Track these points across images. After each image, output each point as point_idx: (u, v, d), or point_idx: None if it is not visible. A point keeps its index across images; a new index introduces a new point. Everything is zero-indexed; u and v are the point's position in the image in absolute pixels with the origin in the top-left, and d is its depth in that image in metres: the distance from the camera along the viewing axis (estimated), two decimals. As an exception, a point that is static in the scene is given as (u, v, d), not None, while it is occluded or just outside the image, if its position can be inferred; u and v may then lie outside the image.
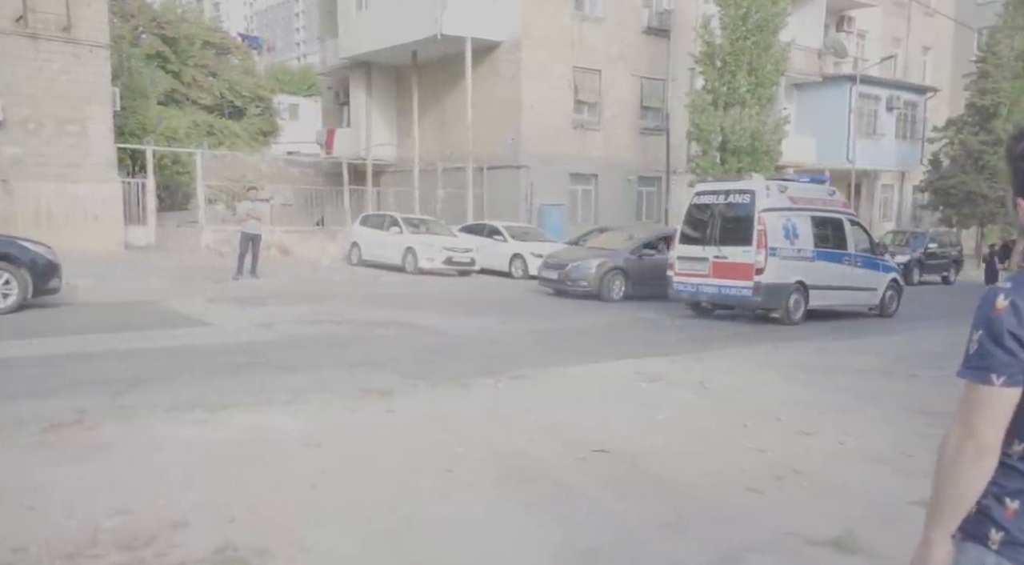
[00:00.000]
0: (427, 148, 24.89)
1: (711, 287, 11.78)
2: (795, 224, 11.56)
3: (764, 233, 11.08)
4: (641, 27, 24.86)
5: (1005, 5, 30.00)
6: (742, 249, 11.24)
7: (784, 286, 11.44)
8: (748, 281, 11.14)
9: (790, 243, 11.46)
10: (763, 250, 11.08)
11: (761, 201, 11.24)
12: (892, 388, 7.21)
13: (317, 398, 5.91)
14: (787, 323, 11.61)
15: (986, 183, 29.07)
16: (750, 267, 11.12)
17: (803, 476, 4.49)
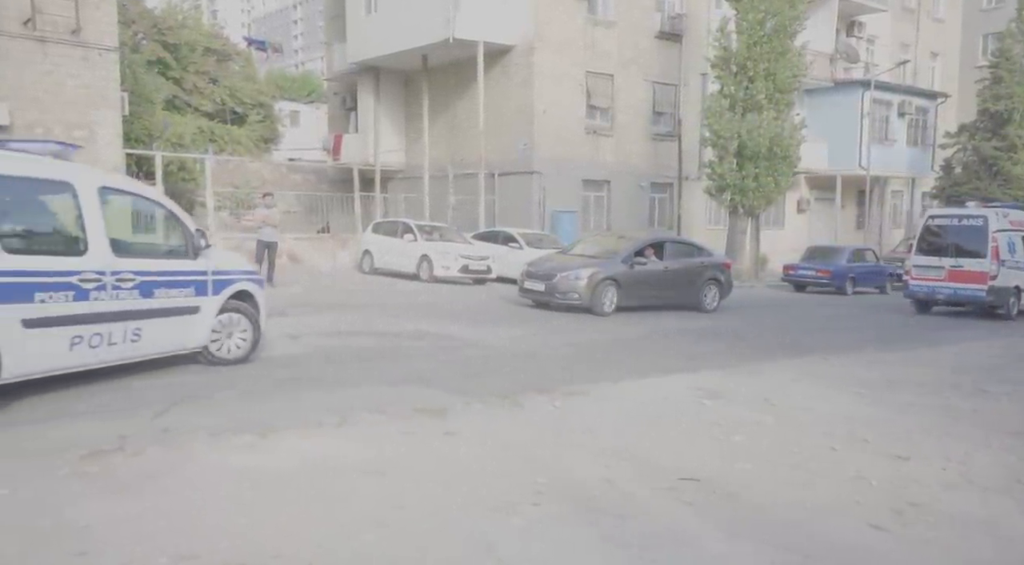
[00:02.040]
0: (437, 154, 24.53)
1: (947, 289, 14.92)
2: (1014, 242, 14.87)
3: (997, 249, 14.42)
4: (654, 31, 24.54)
5: (1018, 10, 29.76)
6: (977, 260, 14.45)
7: (1007, 289, 14.70)
8: (982, 285, 14.40)
9: (1011, 256, 14.73)
10: (996, 261, 14.40)
11: (993, 224, 14.48)
12: (967, 405, 6.81)
13: (368, 419, 5.49)
14: (1007, 318, 14.80)
15: (1000, 189, 28.77)
16: (984, 274, 14.37)
17: (923, 509, 4.09)
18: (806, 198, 29.33)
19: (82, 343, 5.78)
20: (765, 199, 21.44)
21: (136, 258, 6.34)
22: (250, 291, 7.51)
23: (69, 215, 5.84)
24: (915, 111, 30.42)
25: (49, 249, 5.74)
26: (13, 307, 5.24)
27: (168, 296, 6.56)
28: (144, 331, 6.33)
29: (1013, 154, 29.14)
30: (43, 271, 5.48)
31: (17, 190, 5.58)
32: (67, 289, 5.61)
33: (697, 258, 14.73)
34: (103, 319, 5.92)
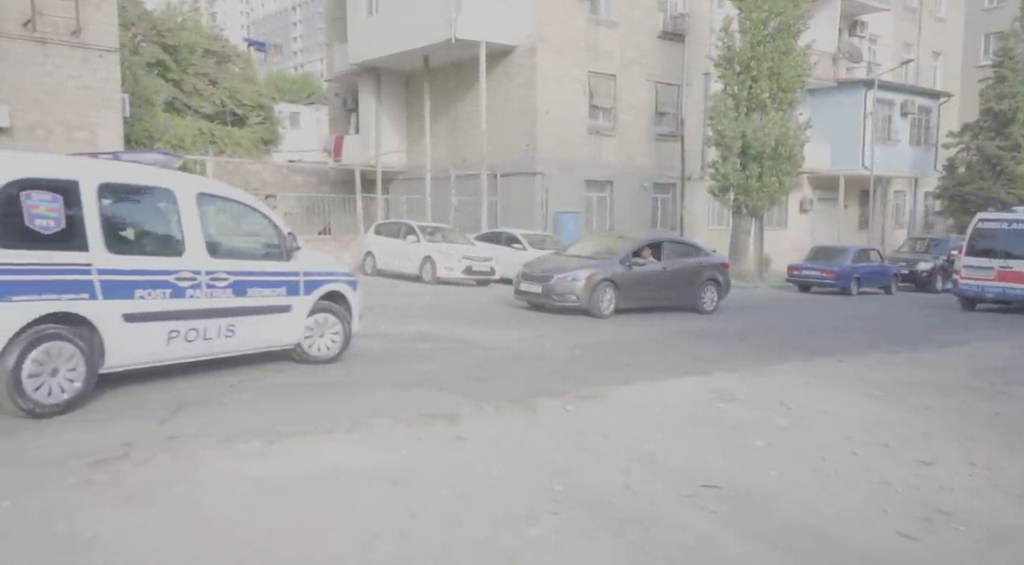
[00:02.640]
0: (439, 155, 24.42)
1: (996, 288, 15.63)
2: None
3: None
4: (656, 31, 24.44)
5: (1022, 9, 29.66)
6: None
7: None
8: None
9: None
10: None
11: None
12: (987, 407, 6.71)
13: (379, 424, 5.38)
14: None
15: (1004, 189, 28.69)
16: None
17: (952, 518, 3.98)
18: (809, 198, 29.23)
19: (179, 337, 6.26)
20: (769, 199, 21.34)
21: (230, 259, 6.72)
22: (342, 292, 7.84)
23: (169, 219, 6.37)
24: (918, 111, 30.31)
25: (149, 250, 6.26)
26: (115, 303, 5.76)
27: (260, 295, 6.96)
28: (237, 328, 6.74)
29: (1017, 153, 29.06)
30: (143, 270, 5.99)
31: (126, 196, 6.20)
32: (165, 287, 6.11)
33: (695, 258, 14.51)
34: (198, 315, 6.36)
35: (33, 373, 5.26)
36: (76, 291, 5.53)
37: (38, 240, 5.34)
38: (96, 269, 5.64)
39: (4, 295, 5.14)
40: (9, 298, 5.15)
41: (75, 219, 5.56)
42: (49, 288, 5.38)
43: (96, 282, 5.64)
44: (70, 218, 5.53)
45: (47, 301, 5.36)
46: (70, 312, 5.49)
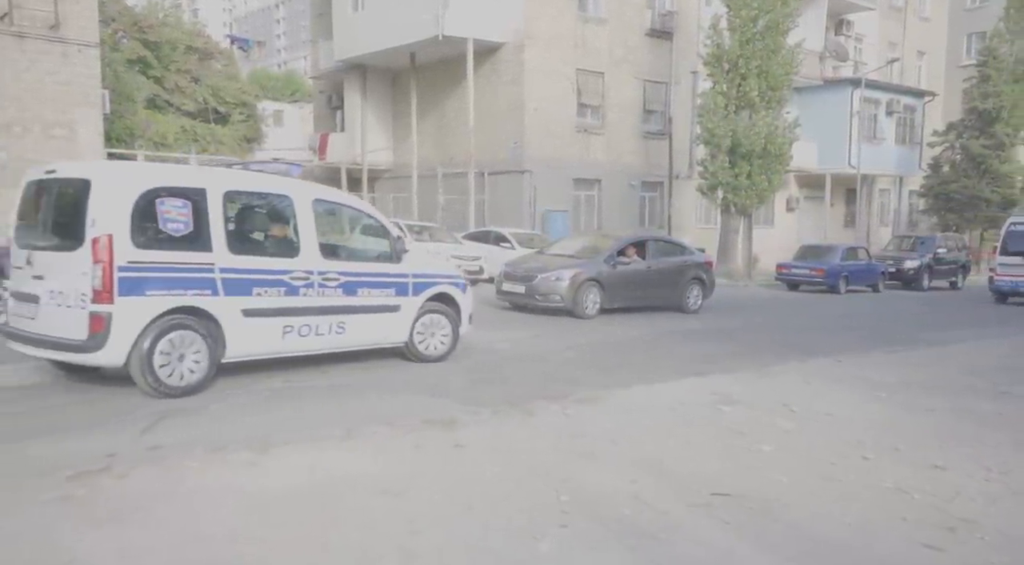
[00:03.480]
0: (426, 153, 24.20)
1: None
2: None
3: None
4: (644, 29, 24.32)
5: (1006, 9, 29.85)
6: None
7: None
8: None
9: None
10: None
11: None
12: (991, 408, 6.60)
13: (374, 431, 5.17)
14: None
15: (988, 187, 28.85)
16: None
17: (975, 526, 3.83)
18: (796, 197, 29.25)
19: (292, 332, 6.75)
20: (758, 198, 21.29)
21: (341, 260, 7.21)
22: (451, 294, 8.14)
23: (286, 223, 6.90)
24: (903, 110, 30.41)
25: (267, 251, 6.81)
26: (236, 299, 6.29)
27: (370, 295, 7.38)
28: (348, 325, 7.17)
29: (1001, 152, 29.25)
30: (261, 270, 6.51)
31: (248, 202, 6.87)
32: (280, 285, 6.61)
33: (680, 257, 14.30)
34: (311, 312, 6.84)
35: (163, 355, 5.89)
36: (201, 287, 6.11)
37: (169, 242, 5.98)
38: (219, 268, 6.21)
39: (140, 290, 5.79)
40: (144, 292, 5.80)
41: (201, 223, 6.14)
42: (178, 284, 5.99)
43: (218, 280, 6.21)
44: (197, 222, 6.12)
45: (176, 296, 5.97)
46: (195, 306, 6.08)
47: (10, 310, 6.41)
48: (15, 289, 6.36)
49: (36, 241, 6.30)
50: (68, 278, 5.80)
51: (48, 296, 5.92)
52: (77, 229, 5.78)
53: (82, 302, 5.71)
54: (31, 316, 6.06)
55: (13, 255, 6.46)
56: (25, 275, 6.18)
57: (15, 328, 6.24)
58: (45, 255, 6.12)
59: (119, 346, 5.74)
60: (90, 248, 5.66)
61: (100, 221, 5.70)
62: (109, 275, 5.65)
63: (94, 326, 5.66)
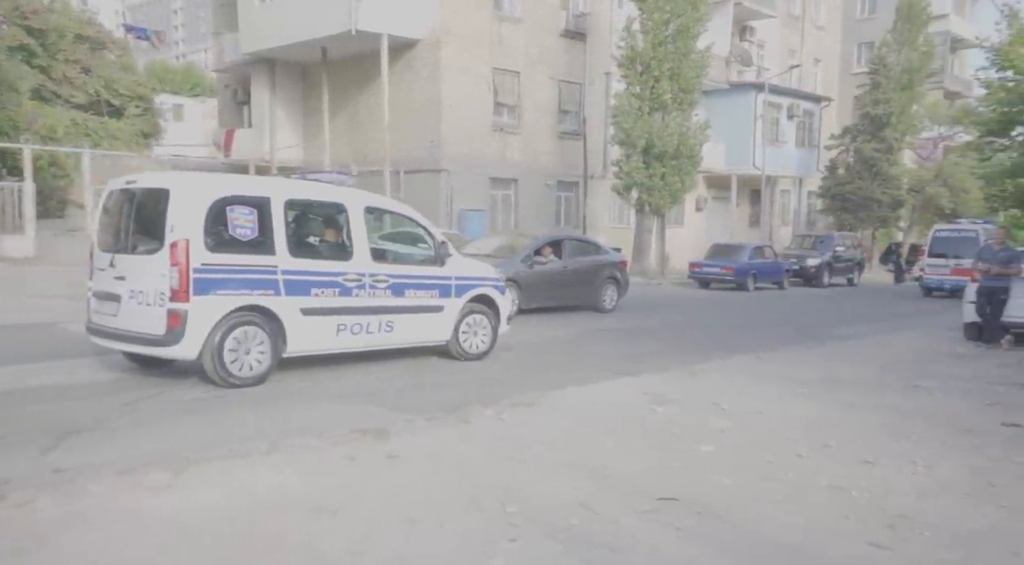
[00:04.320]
0: (339, 150, 23.56)
1: (951, 281, 18.34)
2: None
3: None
4: (559, 30, 24.45)
5: (894, 22, 31.62)
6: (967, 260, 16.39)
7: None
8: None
9: None
10: None
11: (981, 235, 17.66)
12: (907, 402, 6.85)
13: (302, 444, 4.87)
14: None
15: (879, 188, 30.48)
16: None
17: (912, 521, 3.90)
18: (704, 197, 30.08)
19: (345, 330, 7.25)
20: (671, 198, 21.74)
21: (390, 264, 7.70)
22: (491, 296, 8.65)
23: (340, 228, 7.44)
24: (802, 114, 31.79)
25: (323, 255, 7.32)
26: (295, 299, 6.81)
27: (416, 296, 7.85)
28: (395, 324, 7.65)
29: (890, 155, 30.95)
30: (318, 272, 7.01)
31: (306, 209, 7.44)
32: (334, 286, 7.12)
33: (596, 256, 14.33)
34: (362, 312, 7.34)
35: (231, 351, 6.41)
36: (265, 288, 6.64)
37: (237, 246, 6.52)
38: (281, 270, 6.74)
39: (212, 290, 6.31)
40: (215, 292, 6.34)
41: (266, 228, 6.68)
42: (245, 285, 6.53)
43: (280, 281, 6.74)
44: (262, 228, 6.66)
45: (243, 295, 6.50)
46: (260, 305, 6.61)
47: (92, 309, 6.95)
48: (97, 289, 6.89)
49: (118, 245, 6.82)
50: (148, 279, 6.37)
51: (129, 295, 6.49)
52: (157, 234, 6.38)
53: (161, 301, 6.27)
54: (113, 313, 6.63)
55: (95, 258, 6.99)
56: (107, 276, 6.73)
57: (98, 324, 6.83)
58: (127, 258, 6.68)
59: (193, 340, 6.28)
60: (169, 252, 6.24)
61: (178, 227, 6.27)
62: (185, 276, 6.21)
63: (171, 322, 6.23)
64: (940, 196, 31.87)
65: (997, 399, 7.11)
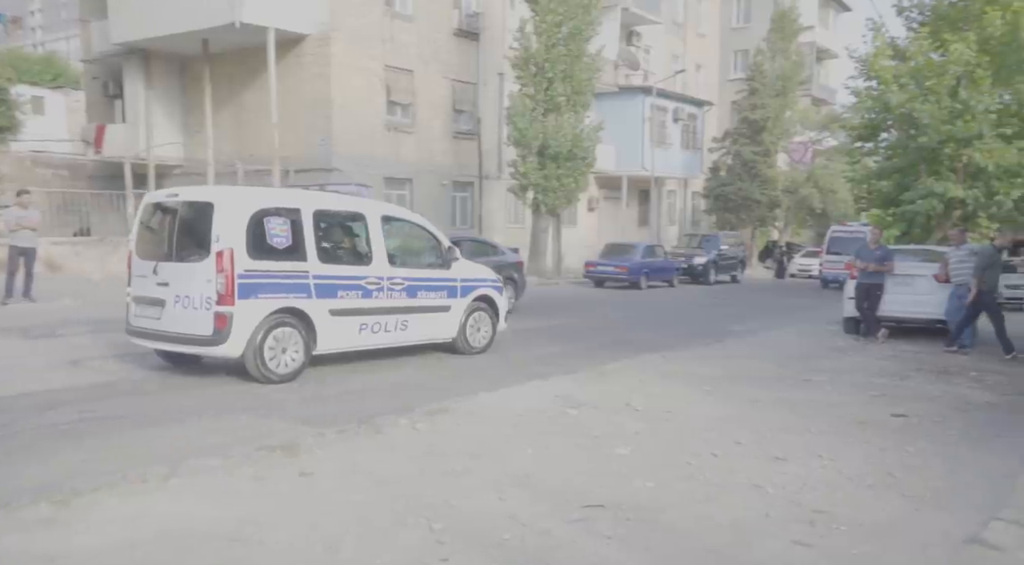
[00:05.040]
0: (224, 148, 22.46)
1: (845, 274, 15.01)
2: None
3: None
4: (451, 29, 24.30)
5: (769, 31, 33.35)
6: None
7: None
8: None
9: None
10: None
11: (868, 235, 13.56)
12: (802, 396, 7.14)
13: (204, 466, 4.52)
14: None
15: (759, 189, 32.07)
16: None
17: (830, 517, 4.02)
18: (596, 198, 30.70)
19: (366, 329, 7.90)
20: (566, 198, 22.04)
21: (404, 268, 8.35)
22: (491, 296, 9.48)
23: (361, 236, 8.11)
24: (687, 117, 33.02)
25: (347, 260, 8.04)
26: (325, 301, 7.41)
27: (426, 297, 8.58)
28: (409, 323, 8.35)
29: (767, 158, 32.65)
30: (343, 276, 7.66)
31: (332, 219, 8.08)
32: (357, 289, 7.75)
33: (493, 257, 14.09)
34: (381, 312, 8.00)
35: (271, 349, 6.99)
36: (299, 292, 7.24)
37: (274, 253, 7.10)
38: (312, 275, 7.34)
39: (254, 294, 6.89)
40: (257, 296, 6.91)
41: (298, 237, 7.28)
42: (282, 289, 7.12)
43: (312, 285, 7.34)
44: (295, 237, 7.25)
45: (280, 298, 7.10)
46: (295, 307, 7.20)
47: (132, 313, 7.45)
48: (137, 294, 7.39)
49: (162, 254, 7.30)
50: (194, 284, 6.88)
51: (174, 300, 6.99)
52: (202, 244, 6.91)
53: (207, 304, 6.78)
54: (157, 317, 7.13)
55: (134, 266, 7.46)
56: (149, 283, 7.21)
57: (140, 327, 7.35)
58: (171, 265, 7.17)
59: (238, 340, 6.83)
60: (215, 259, 6.77)
61: (223, 237, 6.80)
62: (231, 282, 6.75)
63: (218, 324, 6.76)
64: (812, 197, 33.86)
65: (882, 390, 7.53)
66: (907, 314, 11.28)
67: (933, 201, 15.99)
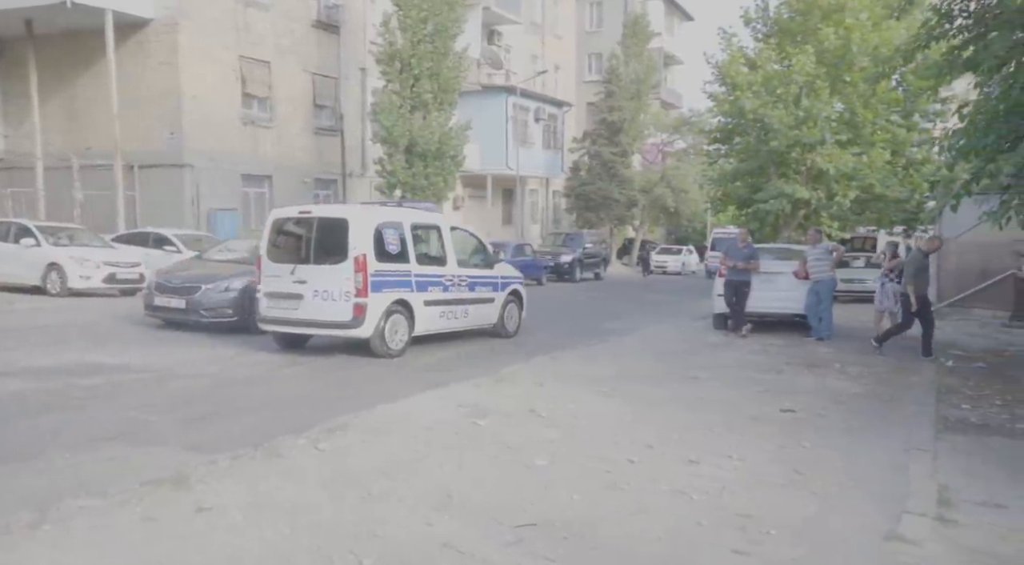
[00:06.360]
0: (53, 140, 20.45)
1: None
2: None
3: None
4: (310, 20, 23.35)
5: (623, 35, 34.55)
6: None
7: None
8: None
9: None
10: None
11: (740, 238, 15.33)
12: (692, 394, 7.33)
13: (80, 508, 3.93)
14: None
15: (617, 189, 33.19)
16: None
17: (757, 521, 4.07)
18: (461, 196, 30.57)
19: (444, 316, 10.08)
20: (435, 197, 21.75)
21: (466, 268, 10.51)
22: (519, 290, 11.81)
23: (439, 243, 10.25)
24: (548, 117, 33.58)
25: (431, 262, 9.98)
26: (421, 294, 9.52)
27: (480, 291, 10.76)
28: (469, 312, 10.53)
29: (624, 158, 33.86)
30: (430, 274, 9.77)
31: (421, 230, 10.09)
32: (439, 285, 9.90)
33: None
34: (453, 303, 10.16)
35: (390, 331, 9.04)
36: (405, 287, 9.28)
37: (390, 257, 9.13)
38: (413, 274, 9.41)
39: (380, 289, 8.89)
40: (381, 290, 8.91)
41: (404, 245, 9.37)
42: (396, 285, 9.15)
43: (413, 281, 9.38)
44: (401, 244, 9.31)
45: (395, 292, 9.12)
46: (403, 299, 9.23)
47: (265, 305, 9.20)
48: (270, 290, 9.16)
49: (299, 258, 9.20)
50: (334, 281, 8.80)
51: (312, 294, 8.87)
52: (340, 250, 8.82)
53: (346, 297, 8.70)
54: (294, 308, 8.98)
55: (266, 268, 9.22)
56: (285, 281, 9.03)
57: (274, 316, 9.19)
58: (309, 267, 9.04)
59: (370, 324, 8.79)
60: (353, 262, 8.72)
61: (358, 245, 8.79)
62: (365, 279, 8.72)
63: (356, 312, 8.71)
64: (665, 196, 35.48)
65: (763, 385, 7.89)
66: (771, 309, 11.97)
67: (783, 201, 17.13)
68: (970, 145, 8.78)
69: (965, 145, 8.85)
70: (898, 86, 18.42)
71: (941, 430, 6.24)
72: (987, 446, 5.87)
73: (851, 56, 17.88)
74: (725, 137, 19.18)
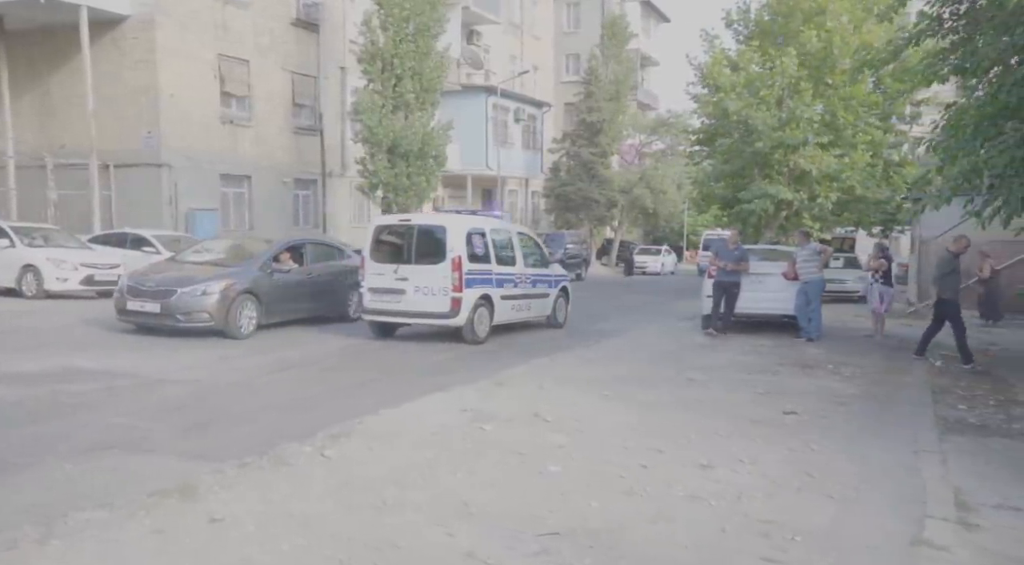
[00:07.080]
0: (26, 138, 19.99)
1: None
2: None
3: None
4: (289, 18, 23.07)
5: (601, 37, 34.61)
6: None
7: None
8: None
9: None
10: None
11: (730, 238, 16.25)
12: (692, 396, 7.32)
13: (87, 521, 3.79)
14: None
15: (597, 189, 33.23)
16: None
17: (779, 526, 4.04)
18: (441, 196, 30.41)
19: (515, 309, 11.77)
20: (418, 197, 21.61)
21: (529, 267, 12.17)
22: (567, 287, 13.30)
23: (511, 246, 11.89)
24: (527, 118, 33.53)
25: (506, 263, 11.57)
26: (499, 290, 11.20)
27: (540, 288, 12.46)
28: (531, 305, 12.25)
29: (604, 159, 33.91)
30: (505, 273, 11.43)
31: (498, 236, 11.65)
32: (512, 282, 11.57)
33: (339, 260, 13.12)
34: (521, 297, 11.86)
35: (477, 321, 10.68)
36: (489, 284, 10.93)
37: (477, 259, 10.80)
38: (493, 273, 11.07)
39: (471, 285, 10.52)
40: (472, 287, 10.54)
41: (487, 248, 11.04)
42: (482, 282, 10.78)
43: (494, 279, 11.05)
44: (484, 247, 11.00)
45: (481, 288, 10.77)
46: (487, 294, 10.88)
47: (369, 299, 10.78)
48: (374, 286, 10.69)
49: (401, 259, 10.80)
50: (433, 279, 10.39)
51: (414, 290, 10.46)
52: (439, 252, 10.48)
53: (444, 292, 10.32)
54: (397, 302, 10.56)
55: (369, 267, 10.79)
56: (388, 279, 10.59)
57: (378, 309, 10.77)
58: (410, 267, 10.63)
59: (464, 315, 10.39)
60: (450, 262, 10.32)
61: (455, 248, 10.40)
62: (461, 277, 10.30)
63: (453, 305, 10.34)
64: (644, 197, 35.58)
65: (761, 387, 7.89)
66: (760, 310, 12.02)
67: (766, 202, 17.25)
68: (958, 146, 8.90)
69: (952, 146, 8.98)
70: (876, 88, 18.65)
71: (943, 431, 6.28)
72: (988, 447, 5.92)
73: (833, 59, 18.08)
74: (708, 138, 19.27)
